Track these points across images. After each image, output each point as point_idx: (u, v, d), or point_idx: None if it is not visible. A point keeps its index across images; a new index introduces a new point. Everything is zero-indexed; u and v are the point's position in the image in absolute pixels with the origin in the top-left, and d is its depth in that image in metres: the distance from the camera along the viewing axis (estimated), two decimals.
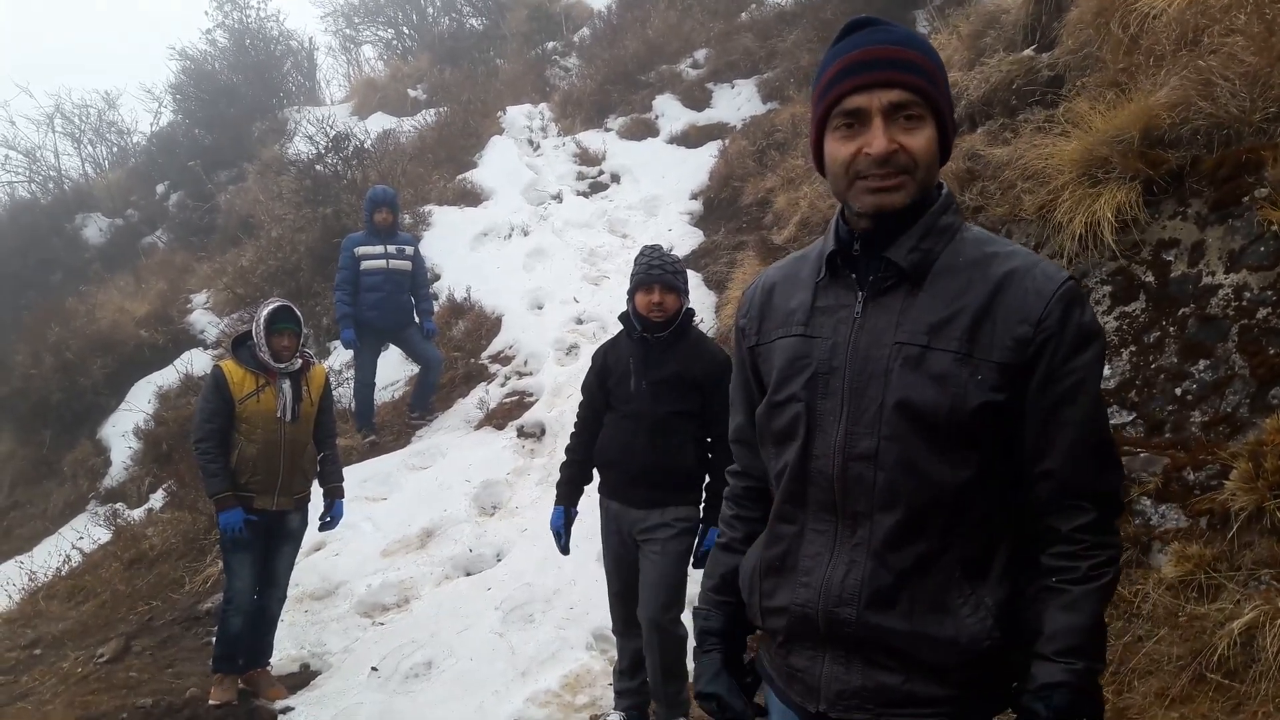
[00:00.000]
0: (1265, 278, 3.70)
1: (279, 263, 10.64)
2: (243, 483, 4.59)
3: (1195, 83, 4.21)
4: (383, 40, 20.15)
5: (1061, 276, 1.48)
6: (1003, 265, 1.50)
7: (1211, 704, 3.00)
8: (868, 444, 1.50)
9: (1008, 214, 4.91)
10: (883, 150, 1.47)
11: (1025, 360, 1.46)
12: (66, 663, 5.48)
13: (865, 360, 1.52)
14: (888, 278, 1.54)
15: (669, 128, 11.90)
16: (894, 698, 1.52)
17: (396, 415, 8.34)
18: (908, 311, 1.51)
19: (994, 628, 1.48)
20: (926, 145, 1.50)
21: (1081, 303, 1.48)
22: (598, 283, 9.31)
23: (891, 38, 1.51)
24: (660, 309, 3.76)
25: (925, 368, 1.48)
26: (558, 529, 4.06)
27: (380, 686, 4.67)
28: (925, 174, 1.51)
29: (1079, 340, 1.46)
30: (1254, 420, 3.54)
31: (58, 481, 10.22)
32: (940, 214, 1.55)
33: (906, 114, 1.48)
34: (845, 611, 1.52)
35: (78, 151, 19.23)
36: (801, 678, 1.61)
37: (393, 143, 13.20)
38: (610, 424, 3.93)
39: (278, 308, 4.69)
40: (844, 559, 1.54)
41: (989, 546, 1.52)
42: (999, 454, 1.49)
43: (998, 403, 1.46)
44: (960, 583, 1.49)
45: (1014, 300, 1.47)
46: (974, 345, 1.47)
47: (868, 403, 1.51)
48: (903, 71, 1.48)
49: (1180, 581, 3.38)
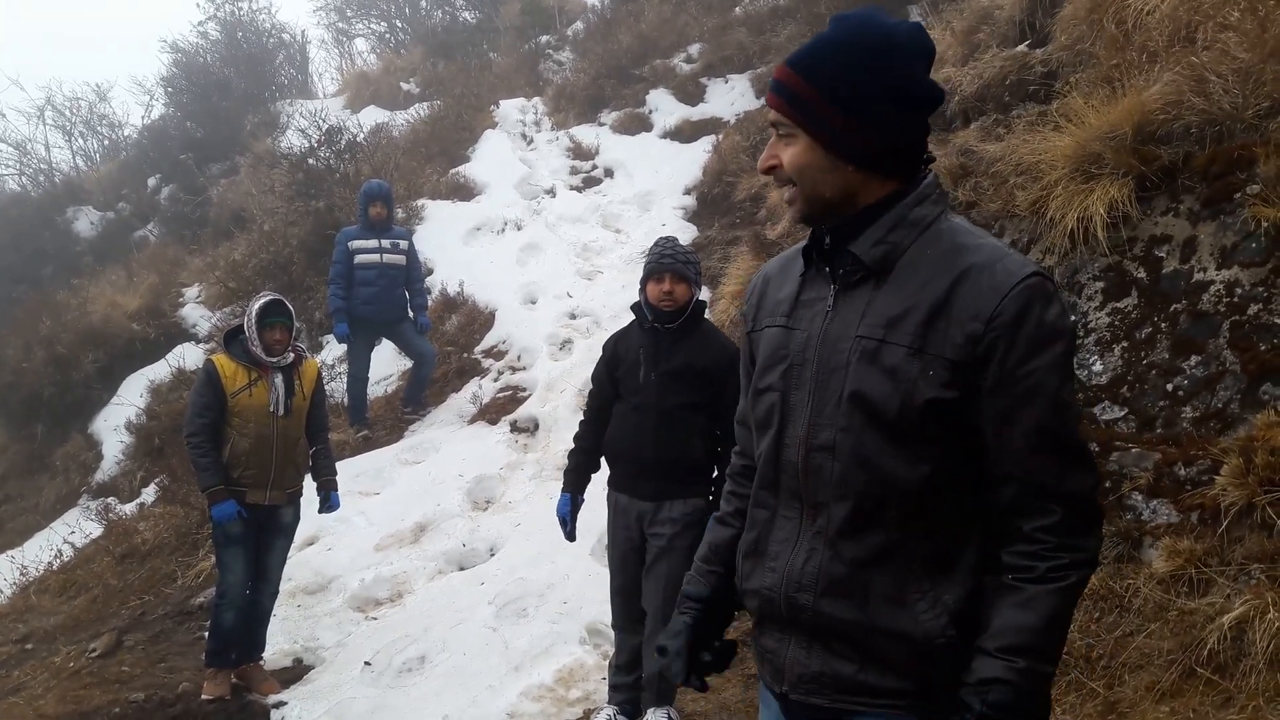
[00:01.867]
0: (1256, 274, 3.71)
1: (271, 256, 10.59)
2: (235, 477, 4.58)
3: (1188, 79, 4.23)
4: (375, 33, 20.13)
5: (1024, 272, 1.44)
6: (967, 259, 1.48)
7: (1202, 698, 3.01)
8: (827, 435, 1.54)
9: (1000, 210, 4.92)
10: (760, 166, 1.64)
11: (976, 358, 1.44)
12: (58, 657, 5.47)
13: (831, 353, 1.55)
14: (855, 271, 1.57)
15: (662, 122, 11.88)
16: (849, 686, 1.55)
17: (390, 410, 8.33)
18: (872, 305, 1.53)
19: (949, 625, 1.48)
20: (792, 158, 1.57)
21: (1045, 299, 1.43)
22: (591, 278, 9.30)
23: (793, 57, 1.58)
24: (670, 298, 3.75)
25: (880, 361, 1.49)
26: (564, 516, 4.06)
27: (373, 681, 4.67)
28: (808, 184, 1.57)
29: (1037, 339, 1.42)
30: (1245, 416, 3.56)
31: (49, 476, 10.18)
32: (913, 206, 1.55)
33: (780, 132, 1.59)
34: (803, 597, 1.56)
35: (69, 144, 19.19)
36: (770, 659, 1.66)
37: (385, 136, 13.15)
38: (618, 415, 3.93)
39: (269, 301, 4.68)
40: (805, 546, 1.57)
41: (953, 545, 1.52)
42: (960, 453, 1.49)
43: (948, 400, 1.45)
44: (919, 578, 1.50)
45: (969, 295, 1.45)
46: (926, 340, 1.47)
47: (829, 395, 1.54)
48: (775, 92, 1.58)
49: (1171, 576, 3.40)
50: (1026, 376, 1.42)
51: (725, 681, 4.31)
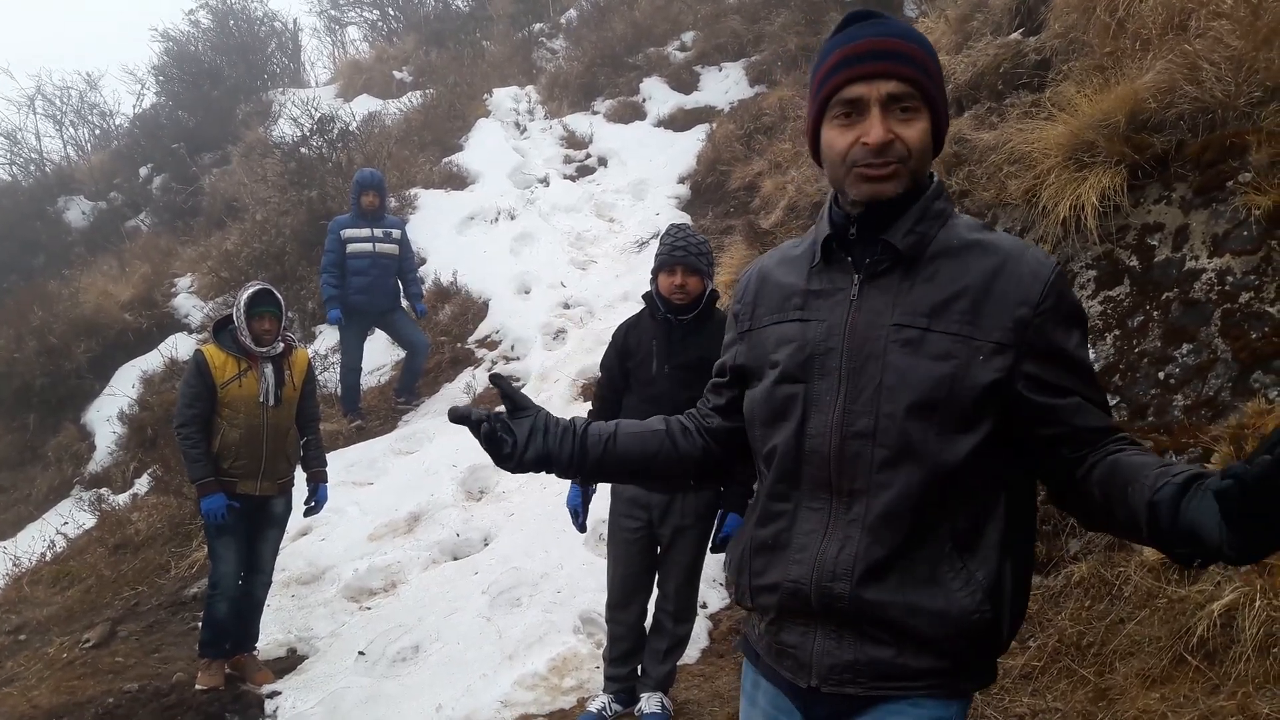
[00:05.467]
0: (1248, 262, 3.72)
1: (264, 246, 10.56)
2: (225, 468, 4.57)
3: (1181, 67, 4.22)
4: (368, 21, 20.01)
5: (1052, 262, 1.57)
6: (997, 250, 1.57)
7: (1191, 685, 3.03)
8: (866, 422, 1.54)
9: (994, 198, 4.92)
10: (880, 139, 1.52)
11: (1025, 340, 1.51)
12: (52, 648, 5.47)
13: (863, 341, 1.56)
14: (883, 261, 1.59)
15: (656, 111, 11.85)
16: (886, 671, 1.55)
17: (383, 400, 8.32)
18: (904, 293, 1.56)
19: (984, 601, 1.51)
20: (921, 136, 1.55)
21: (1068, 286, 1.58)
22: (585, 267, 9.29)
23: (891, 31, 1.56)
24: (683, 292, 3.71)
25: (926, 349, 1.52)
26: (574, 507, 4.02)
27: (367, 670, 4.68)
28: (918, 164, 1.56)
29: (1074, 319, 1.55)
30: (1236, 404, 3.57)
31: (41, 466, 10.15)
32: (934, 200, 1.60)
33: (903, 105, 1.53)
34: (839, 586, 1.55)
35: (59, 134, 19.09)
36: (793, 654, 1.64)
37: (378, 125, 13.10)
38: (630, 408, 3.88)
39: (258, 290, 4.66)
40: (838, 535, 1.57)
41: (979, 521, 1.55)
42: (997, 432, 1.53)
43: (998, 381, 1.50)
44: (951, 556, 1.53)
45: (1012, 283, 1.53)
46: (975, 327, 1.52)
47: (865, 382, 1.55)
48: (900, 64, 1.53)
49: (1161, 564, 3.41)
50: (1071, 353, 1.53)
51: (718, 670, 4.32)
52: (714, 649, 4.61)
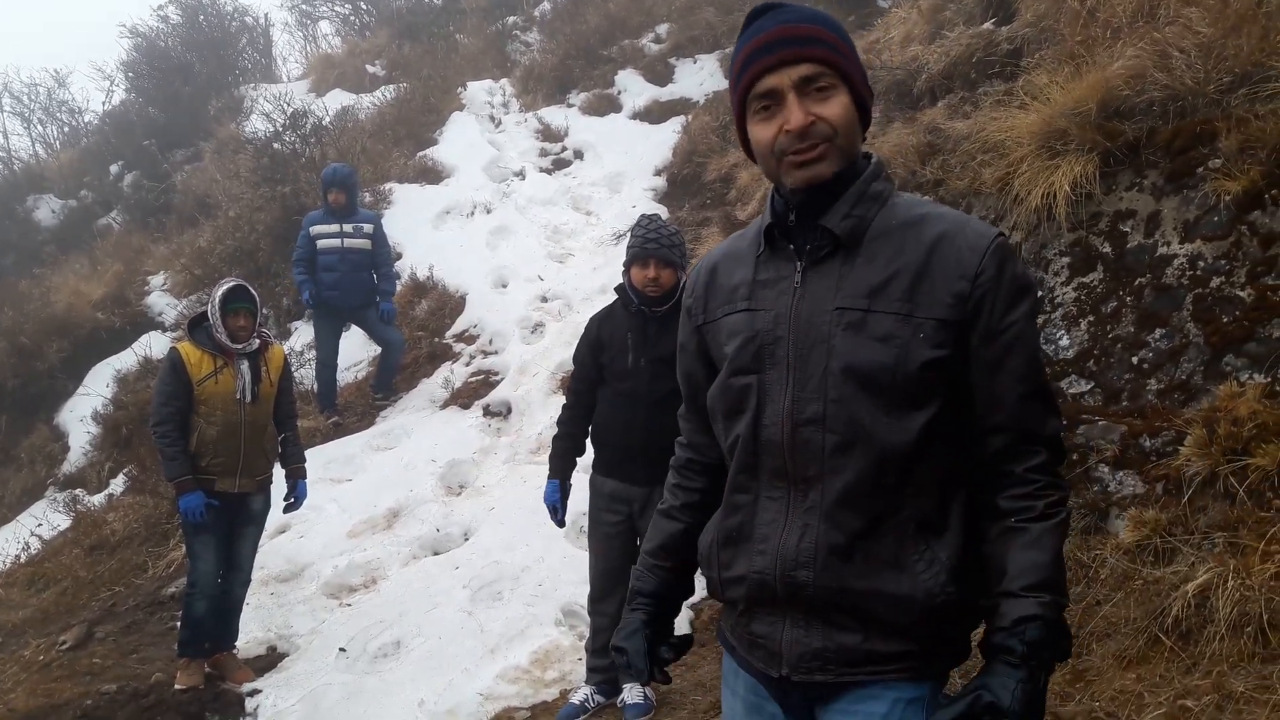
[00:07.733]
0: (1218, 247, 3.76)
1: (237, 243, 10.45)
2: (203, 465, 4.54)
3: (1151, 54, 4.26)
4: (340, 16, 19.77)
5: (992, 232, 1.55)
6: (935, 226, 1.56)
7: (1167, 665, 3.07)
8: (815, 408, 1.54)
9: (968, 187, 4.94)
10: (800, 124, 1.53)
11: (965, 315, 1.51)
12: (28, 651, 5.41)
13: (808, 327, 1.56)
14: (823, 245, 1.59)
15: (631, 103, 11.82)
16: (854, 657, 1.55)
17: (360, 396, 8.27)
18: (846, 277, 1.56)
19: (948, 582, 1.52)
20: (842, 111, 1.55)
21: (1012, 257, 1.54)
22: (562, 260, 9.26)
23: (793, 17, 1.56)
24: (656, 284, 3.71)
25: (868, 330, 1.52)
26: (553, 504, 4.02)
27: (349, 667, 4.66)
28: (846, 140, 1.56)
29: (1015, 292, 1.52)
30: (1208, 387, 3.61)
31: (15, 468, 10.02)
32: (871, 181, 1.60)
33: (818, 86, 1.54)
34: (802, 574, 1.55)
35: (27, 131, 18.78)
36: (763, 644, 1.64)
37: (351, 120, 12.99)
38: (606, 401, 3.89)
39: (232, 287, 4.63)
40: (798, 524, 1.57)
41: (942, 503, 1.55)
42: (946, 411, 1.53)
43: (941, 358, 1.50)
44: (914, 539, 1.53)
45: (949, 257, 1.52)
46: (914, 305, 1.51)
47: (812, 368, 1.55)
48: (807, 46, 1.53)
49: (1137, 546, 3.45)
50: (1010, 327, 1.51)
51: (700, 659, 4.33)
52: (696, 639, 4.62)
